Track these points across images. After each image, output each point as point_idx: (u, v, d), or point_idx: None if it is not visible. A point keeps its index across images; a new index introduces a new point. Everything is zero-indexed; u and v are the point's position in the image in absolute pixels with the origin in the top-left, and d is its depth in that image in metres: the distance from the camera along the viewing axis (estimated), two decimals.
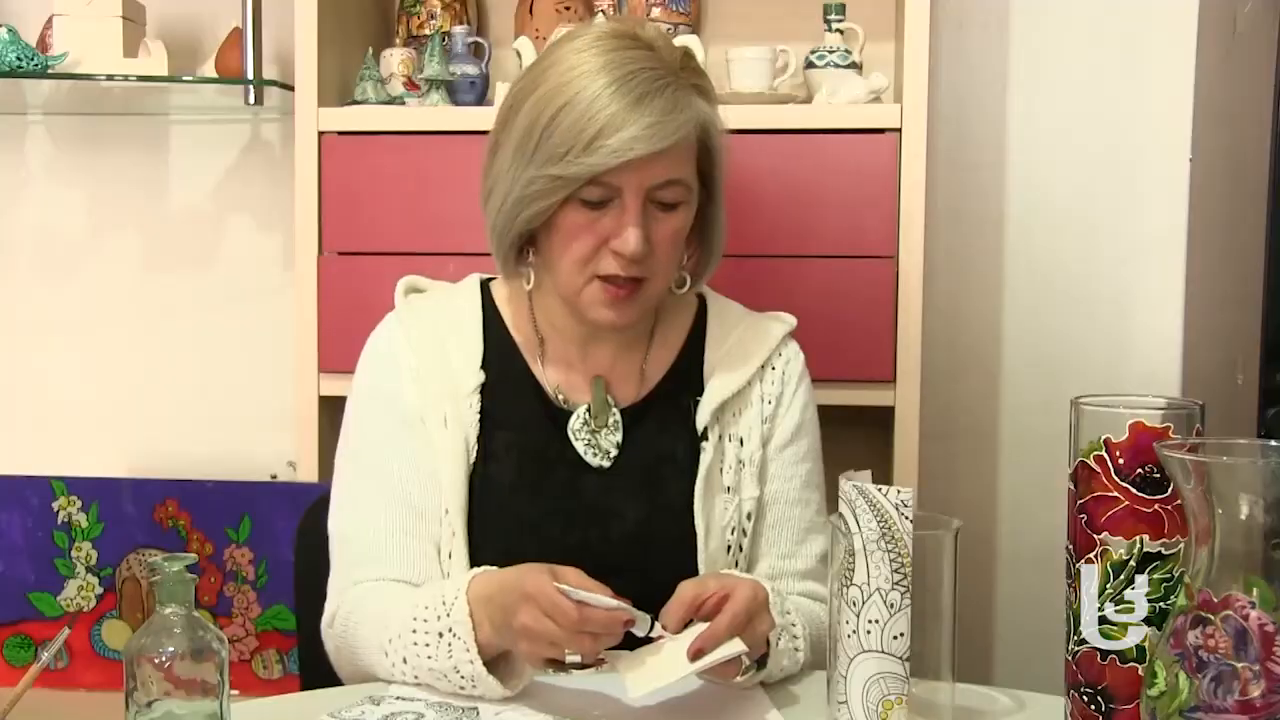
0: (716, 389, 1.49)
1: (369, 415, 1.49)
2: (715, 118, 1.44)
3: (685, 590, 1.26)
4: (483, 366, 1.48)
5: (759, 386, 1.52)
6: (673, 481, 1.46)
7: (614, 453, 1.47)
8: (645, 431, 1.48)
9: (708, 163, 1.45)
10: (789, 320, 1.57)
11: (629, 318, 1.44)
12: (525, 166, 1.39)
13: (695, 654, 1.21)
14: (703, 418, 1.48)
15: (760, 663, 1.31)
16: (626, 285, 1.40)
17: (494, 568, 1.33)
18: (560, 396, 1.49)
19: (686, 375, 1.52)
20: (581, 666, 1.23)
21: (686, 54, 1.44)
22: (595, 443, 1.47)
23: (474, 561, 1.41)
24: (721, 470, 1.48)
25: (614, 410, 1.48)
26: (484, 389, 1.47)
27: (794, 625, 1.38)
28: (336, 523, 1.48)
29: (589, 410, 1.48)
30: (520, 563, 1.32)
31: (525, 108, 1.40)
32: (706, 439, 1.48)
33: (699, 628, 1.24)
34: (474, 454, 1.45)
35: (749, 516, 1.48)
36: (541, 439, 1.47)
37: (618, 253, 1.38)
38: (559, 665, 1.24)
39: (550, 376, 1.50)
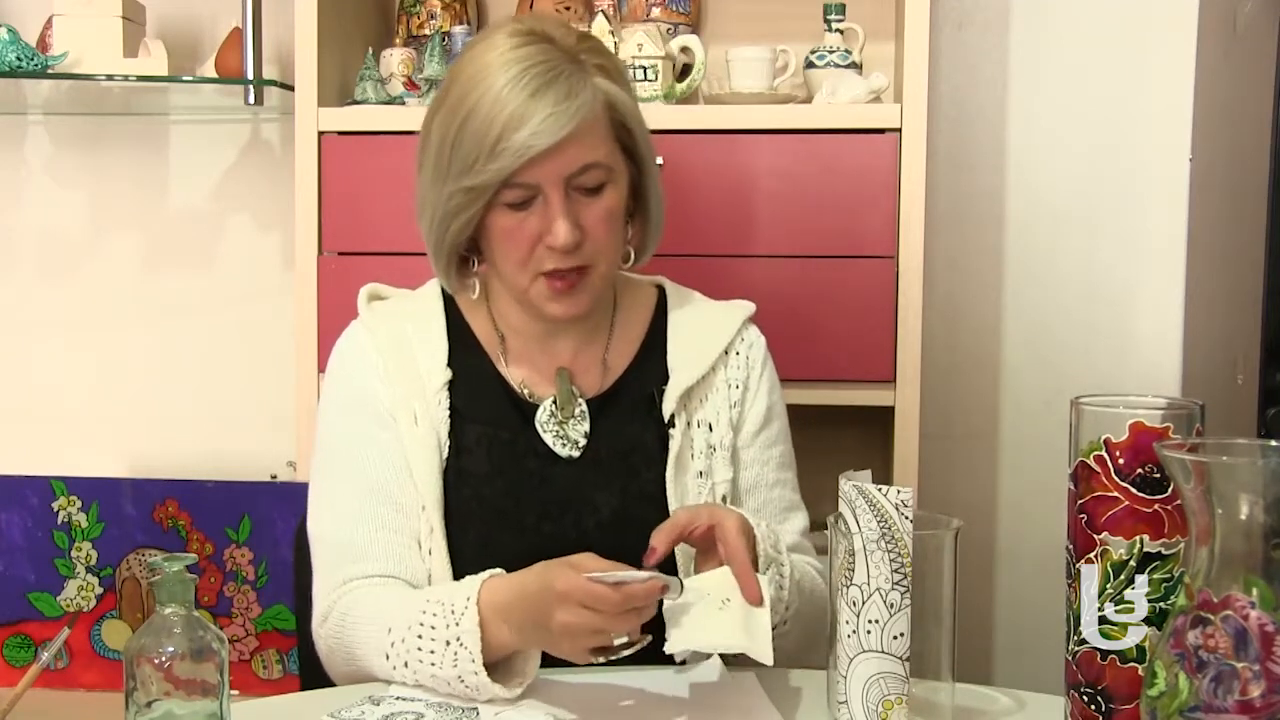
0: (681, 376, 1.50)
1: (342, 417, 1.50)
2: (621, 92, 1.44)
3: (679, 515, 1.32)
4: (449, 364, 1.49)
5: (723, 371, 1.53)
6: (643, 469, 1.48)
7: (582, 442, 1.48)
8: (612, 421, 1.49)
9: (627, 138, 1.46)
10: (748, 306, 1.58)
11: (581, 307, 1.45)
12: (443, 182, 1.41)
13: (758, 599, 1.25)
14: (669, 405, 1.49)
15: None
16: (569, 276, 1.42)
17: (502, 572, 1.33)
18: (525, 391, 1.50)
19: (649, 364, 1.53)
20: (628, 646, 1.23)
21: (583, 36, 1.45)
22: (563, 434, 1.48)
23: (453, 554, 1.42)
24: (692, 456, 1.49)
25: (580, 401, 1.49)
26: (451, 386, 1.48)
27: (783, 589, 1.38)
28: (318, 526, 1.49)
29: (555, 402, 1.49)
30: (498, 553, 1.35)
31: (435, 125, 1.43)
32: (674, 426, 1.49)
33: (713, 574, 1.27)
34: (446, 449, 1.46)
35: (724, 500, 1.49)
36: (510, 432, 1.48)
37: (551, 247, 1.39)
38: (606, 651, 1.24)
39: (514, 373, 1.51)
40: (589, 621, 1.20)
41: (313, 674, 1.51)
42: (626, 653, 1.24)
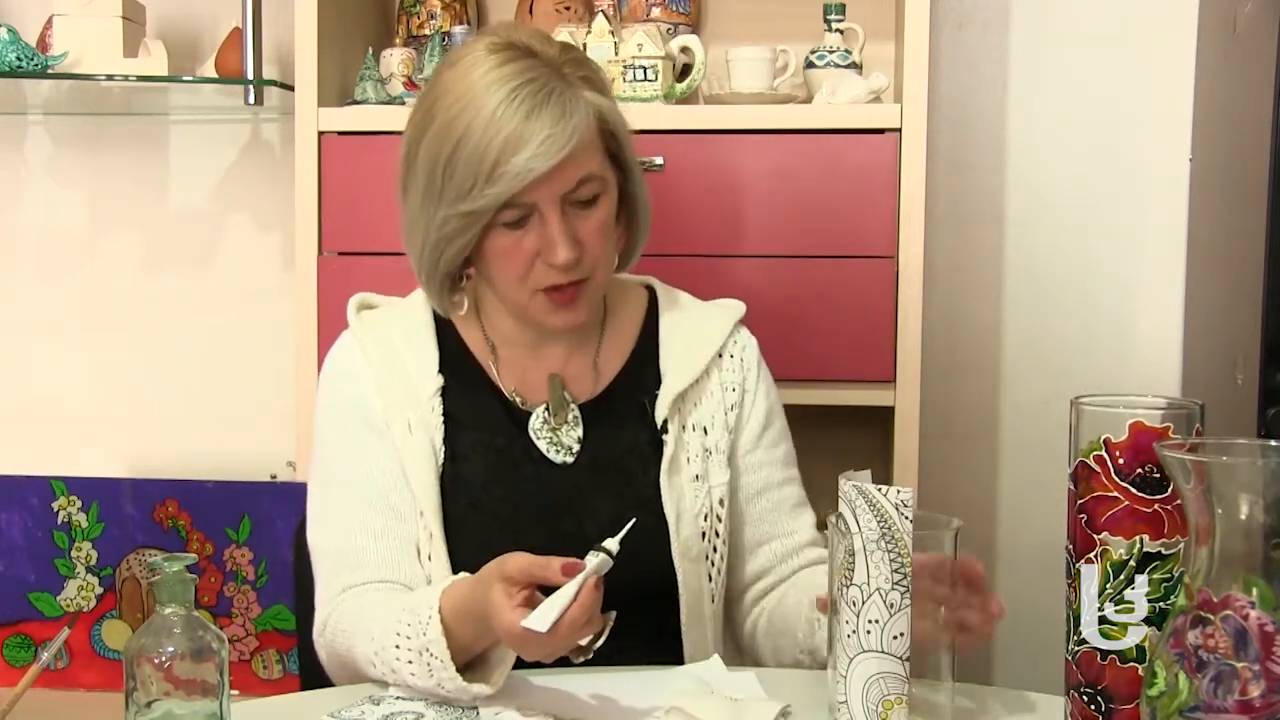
0: (673, 381, 1.50)
1: (337, 428, 1.49)
2: (608, 103, 1.44)
3: None
4: (440, 371, 1.49)
5: (717, 375, 1.53)
6: (639, 473, 1.48)
7: (576, 448, 1.48)
8: (605, 426, 1.49)
9: (615, 146, 1.46)
10: (738, 307, 1.58)
11: (582, 317, 1.46)
12: (436, 208, 1.40)
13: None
14: (661, 410, 1.49)
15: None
16: (569, 290, 1.42)
17: (465, 575, 1.32)
18: (518, 398, 1.50)
19: (642, 368, 1.53)
20: (597, 638, 1.21)
21: (564, 46, 1.44)
22: (557, 440, 1.48)
23: (454, 561, 1.42)
24: (687, 459, 1.49)
25: (572, 407, 1.49)
26: (444, 393, 1.48)
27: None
28: (317, 537, 1.48)
29: (548, 409, 1.49)
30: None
31: (423, 149, 1.41)
32: (667, 431, 1.49)
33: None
34: (441, 456, 1.46)
35: (721, 502, 1.50)
36: (505, 439, 1.48)
37: (552, 265, 1.39)
38: (578, 652, 1.22)
39: (506, 380, 1.51)
40: (543, 653, 1.20)
41: (313, 674, 1.51)
42: (599, 643, 1.22)
